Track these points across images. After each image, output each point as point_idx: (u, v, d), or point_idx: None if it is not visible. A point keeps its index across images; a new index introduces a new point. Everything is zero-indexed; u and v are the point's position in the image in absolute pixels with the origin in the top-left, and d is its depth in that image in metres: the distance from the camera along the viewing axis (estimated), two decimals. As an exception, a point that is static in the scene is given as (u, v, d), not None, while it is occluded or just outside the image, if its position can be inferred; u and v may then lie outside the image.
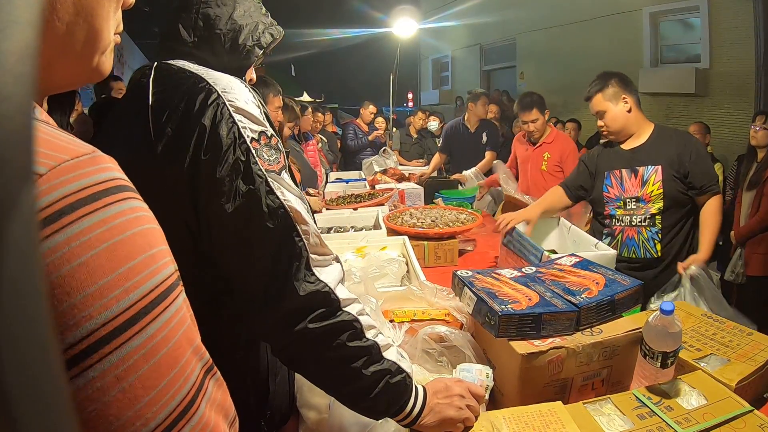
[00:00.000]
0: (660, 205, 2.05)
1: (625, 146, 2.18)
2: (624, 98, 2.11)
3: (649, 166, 2.06)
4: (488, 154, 4.15)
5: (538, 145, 3.34)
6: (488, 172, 3.87)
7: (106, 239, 0.38)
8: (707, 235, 2.00)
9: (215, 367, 0.50)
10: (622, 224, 2.14)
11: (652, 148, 2.09)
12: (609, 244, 2.15)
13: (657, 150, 2.07)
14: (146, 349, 0.40)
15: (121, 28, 0.54)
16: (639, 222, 2.09)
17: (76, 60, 0.48)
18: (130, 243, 0.41)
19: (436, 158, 4.62)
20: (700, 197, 2.03)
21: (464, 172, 3.94)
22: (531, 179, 3.32)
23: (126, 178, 0.43)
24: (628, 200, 2.11)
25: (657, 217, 2.06)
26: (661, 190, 2.03)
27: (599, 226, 2.26)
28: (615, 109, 2.11)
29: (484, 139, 4.28)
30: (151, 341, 0.40)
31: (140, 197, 0.44)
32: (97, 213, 0.38)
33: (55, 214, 0.36)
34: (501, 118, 6.50)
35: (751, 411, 0.94)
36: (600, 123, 2.16)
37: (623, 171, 2.13)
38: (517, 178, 3.54)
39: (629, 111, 2.12)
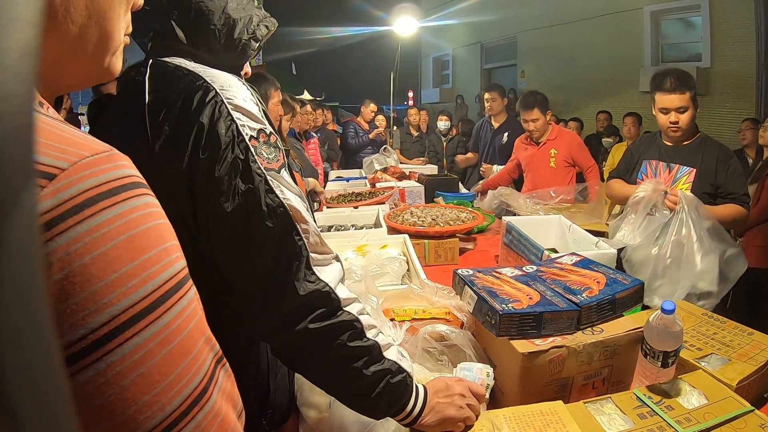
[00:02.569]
0: None
1: (668, 141, 2.24)
2: (696, 102, 2.17)
3: (685, 167, 2.13)
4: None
5: (542, 143, 3.30)
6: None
7: (125, 231, 0.40)
8: (716, 208, 2.03)
9: (224, 359, 0.52)
10: None
11: (693, 151, 2.16)
12: None
13: (698, 154, 2.13)
14: (162, 337, 0.42)
15: (131, 29, 0.56)
16: None
17: (88, 61, 0.49)
18: (146, 236, 0.42)
19: (469, 155, 4.63)
20: (726, 202, 2.08)
21: (494, 167, 3.88)
22: (540, 178, 3.26)
23: (140, 175, 0.45)
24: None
25: None
26: (689, 192, 2.08)
27: None
28: (694, 110, 2.15)
29: (505, 139, 4.13)
30: (167, 329, 0.42)
31: (152, 194, 0.46)
32: (116, 207, 0.40)
33: (77, 207, 0.38)
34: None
35: (752, 411, 0.94)
36: (673, 118, 2.13)
37: (660, 163, 2.21)
38: (521, 181, 3.52)
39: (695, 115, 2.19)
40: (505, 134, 4.14)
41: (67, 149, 0.39)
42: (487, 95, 4.30)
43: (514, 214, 2.65)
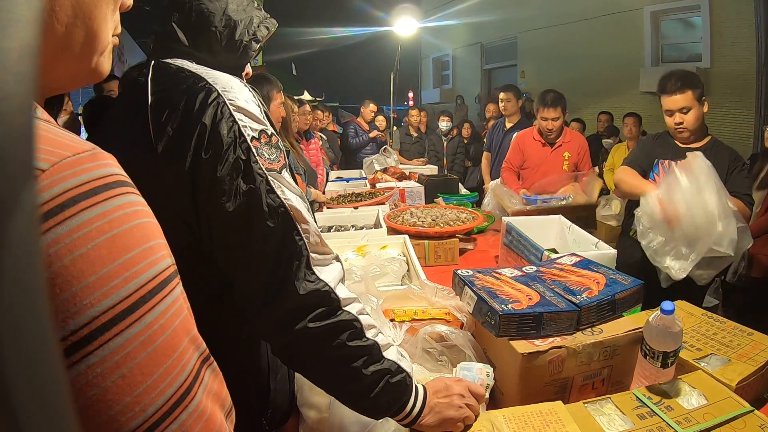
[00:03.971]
0: None
1: (683, 143, 2.25)
2: (705, 100, 2.18)
3: None
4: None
5: (556, 145, 3.23)
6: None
7: (106, 231, 0.40)
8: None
9: (212, 357, 0.52)
10: None
11: (707, 154, 2.11)
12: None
13: (711, 157, 2.09)
14: (144, 337, 0.41)
15: (119, 30, 0.55)
16: None
17: (75, 61, 0.49)
18: (129, 235, 0.42)
19: (484, 158, 4.58)
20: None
21: (491, 184, 3.75)
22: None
23: (124, 173, 0.45)
24: None
25: None
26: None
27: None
28: (699, 109, 2.16)
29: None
30: (149, 329, 0.42)
31: (138, 192, 0.46)
32: (97, 206, 0.40)
33: (57, 208, 0.37)
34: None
35: (752, 411, 0.94)
36: (678, 119, 2.16)
37: (672, 163, 2.17)
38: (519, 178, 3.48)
39: (704, 114, 2.20)
40: (514, 134, 4.00)
41: (50, 150, 0.39)
42: (502, 95, 4.23)
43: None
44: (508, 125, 4.24)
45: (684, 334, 1.10)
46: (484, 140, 5.20)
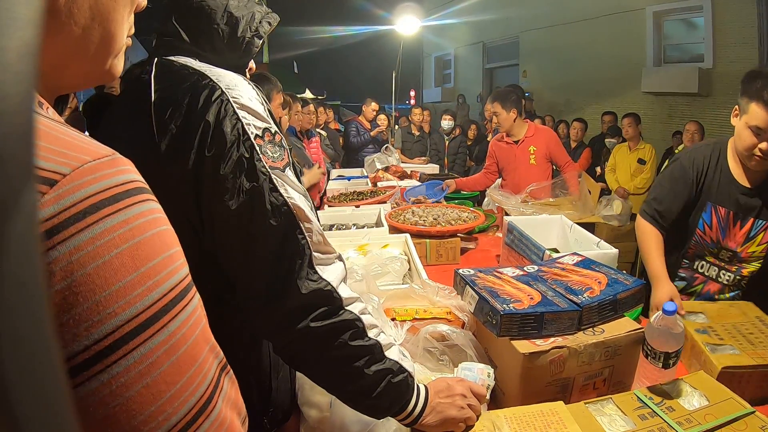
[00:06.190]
0: (754, 268, 1.66)
1: (743, 181, 1.64)
2: None
3: (761, 220, 1.62)
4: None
5: (520, 141, 3.31)
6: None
7: (129, 239, 0.39)
8: None
9: (228, 366, 0.51)
10: (707, 276, 1.75)
11: None
12: (681, 289, 1.74)
13: None
14: (168, 346, 0.41)
15: (133, 30, 0.55)
16: (727, 281, 1.70)
17: (90, 62, 0.49)
18: (150, 243, 0.41)
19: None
20: None
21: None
22: (521, 176, 3.23)
23: (143, 180, 0.44)
24: (724, 250, 1.69)
25: (746, 279, 1.68)
26: (765, 253, 1.63)
27: (675, 260, 1.79)
28: None
29: None
30: (172, 338, 0.41)
31: (155, 199, 0.45)
32: (120, 213, 0.39)
33: (80, 214, 0.36)
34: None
35: (753, 412, 0.94)
36: (766, 146, 1.48)
37: (731, 213, 1.66)
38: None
39: None
40: None
41: (68, 153, 0.38)
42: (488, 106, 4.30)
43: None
44: None
45: (720, 327, 1.08)
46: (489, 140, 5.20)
